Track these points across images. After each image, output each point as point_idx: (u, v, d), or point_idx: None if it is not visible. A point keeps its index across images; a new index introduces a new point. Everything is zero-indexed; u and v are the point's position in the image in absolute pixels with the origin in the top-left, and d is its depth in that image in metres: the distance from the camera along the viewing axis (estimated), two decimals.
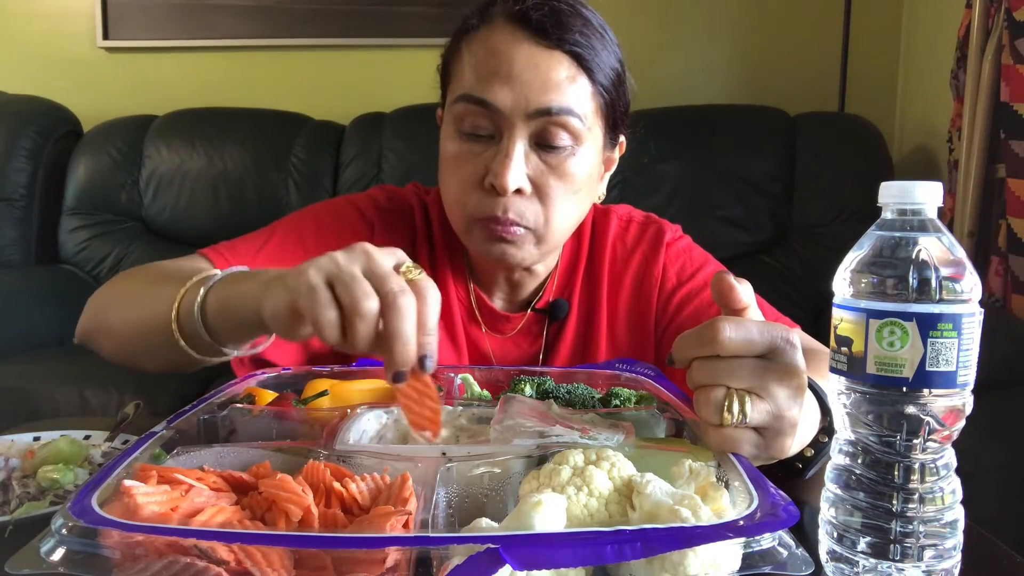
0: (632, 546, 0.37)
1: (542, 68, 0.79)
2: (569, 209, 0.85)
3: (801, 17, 2.57)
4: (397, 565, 0.39)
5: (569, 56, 0.80)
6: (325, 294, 0.50)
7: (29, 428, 0.77)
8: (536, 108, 0.79)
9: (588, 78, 0.82)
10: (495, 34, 0.81)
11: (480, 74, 0.81)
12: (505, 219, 0.81)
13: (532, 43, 0.80)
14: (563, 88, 0.80)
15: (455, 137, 0.84)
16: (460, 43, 0.85)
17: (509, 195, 0.81)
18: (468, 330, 0.96)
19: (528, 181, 0.81)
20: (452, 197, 0.86)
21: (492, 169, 0.80)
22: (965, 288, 0.45)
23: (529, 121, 0.80)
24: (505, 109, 0.79)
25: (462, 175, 0.83)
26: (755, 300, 0.55)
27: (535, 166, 0.82)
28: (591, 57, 0.81)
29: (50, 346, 2.26)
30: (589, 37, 0.82)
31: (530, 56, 0.79)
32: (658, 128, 2.36)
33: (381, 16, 2.66)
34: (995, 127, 1.76)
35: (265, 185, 2.47)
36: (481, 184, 0.82)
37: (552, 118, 0.80)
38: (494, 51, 0.80)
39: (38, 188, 2.54)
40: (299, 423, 0.64)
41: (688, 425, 0.60)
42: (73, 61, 2.80)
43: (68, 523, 0.39)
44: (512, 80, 0.79)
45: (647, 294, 0.96)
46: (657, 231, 0.99)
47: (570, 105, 0.80)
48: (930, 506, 0.46)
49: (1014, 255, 1.66)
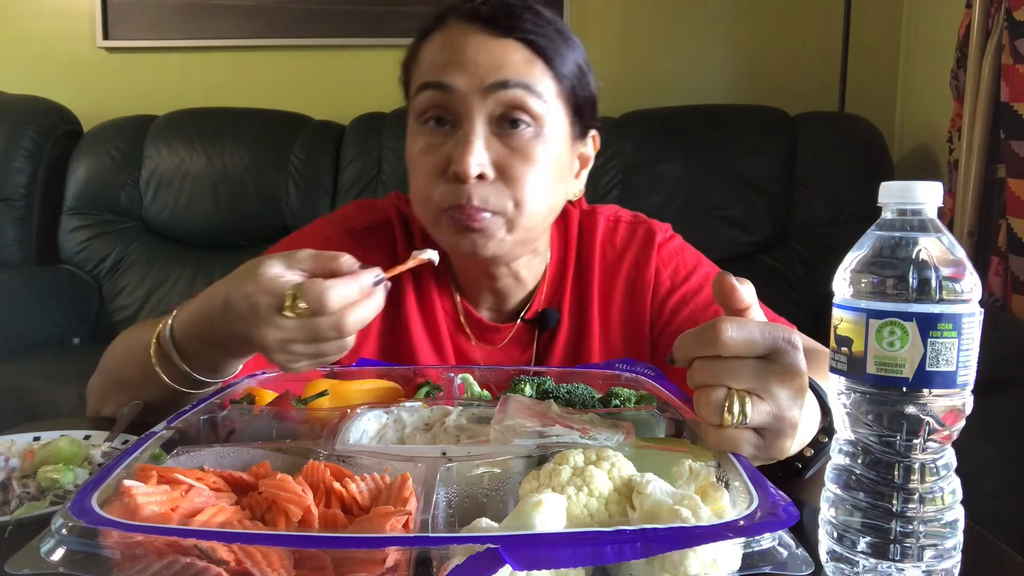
0: (632, 546, 0.37)
1: (495, 52, 0.81)
2: (539, 193, 0.83)
3: (801, 17, 2.57)
4: (397, 565, 0.39)
5: (522, 43, 0.81)
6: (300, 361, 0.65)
7: (29, 428, 0.77)
8: (492, 82, 0.79)
9: (545, 63, 0.82)
10: (449, 33, 0.83)
11: (436, 64, 0.82)
12: (470, 206, 0.80)
13: (484, 34, 0.81)
14: (517, 66, 0.81)
15: (417, 132, 0.84)
16: (417, 49, 0.86)
17: (472, 182, 0.79)
18: (456, 341, 0.94)
19: (491, 166, 0.80)
20: (418, 191, 0.85)
21: (453, 156, 0.80)
22: (965, 288, 0.45)
23: (486, 98, 0.80)
24: (461, 88, 0.80)
25: (426, 167, 0.83)
26: (757, 300, 0.55)
27: (497, 150, 0.81)
28: (545, 44, 0.82)
29: (50, 346, 2.27)
30: (542, 27, 0.82)
31: (482, 43, 0.81)
32: (658, 128, 2.36)
33: (381, 16, 2.66)
34: (995, 127, 1.76)
35: (265, 185, 2.47)
36: (444, 175, 0.81)
37: (510, 92, 0.80)
38: (450, 44, 0.82)
39: (38, 188, 2.54)
40: (299, 423, 0.64)
41: (688, 425, 0.60)
42: (73, 61, 2.80)
43: (68, 523, 0.39)
44: (466, 63, 0.80)
45: (640, 298, 0.94)
46: (647, 232, 0.97)
47: (526, 80, 0.80)
48: (930, 506, 0.46)
49: (1014, 255, 1.66)
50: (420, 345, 0.92)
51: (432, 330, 0.93)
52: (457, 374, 0.75)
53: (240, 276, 0.66)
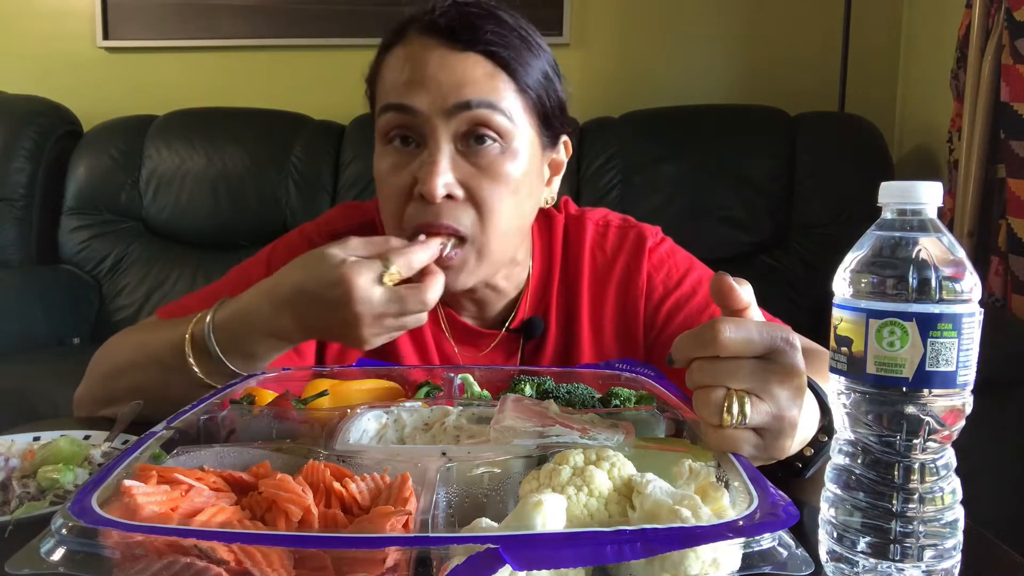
0: (632, 546, 0.37)
1: (457, 69, 0.78)
2: (507, 212, 0.81)
3: (801, 17, 2.57)
4: (397, 565, 0.39)
5: (484, 56, 0.79)
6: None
7: (29, 428, 0.77)
8: (454, 103, 0.77)
9: (508, 75, 0.80)
10: (408, 47, 0.81)
11: (397, 83, 0.80)
12: (439, 224, 0.78)
13: (444, 48, 0.79)
14: (480, 83, 0.78)
15: (383, 152, 0.83)
16: (379, 64, 0.85)
17: (440, 203, 0.78)
18: (440, 346, 0.93)
19: (458, 185, 0.78)
20: (388, 211, 0.83)
21: (419, 177, 0.78)
22: (965, 288, 0.45)
23: (449, 119, 0.78)
24: (425, 109, 0.78)
25: (393, 189, 0.81)
26: (755, 300, 0.55)
27: (463, 169, 0.79)
28: (508, 55, 0.80)
29: (50, 346, 2.27)
30: (505, 36, 0.80)
31: (442, 59, 0.78)
32: (658, 128, 2.36)
33: (381, 16, 2.66)
34: (995, 127, 1.76)
35: (265, 185, 2.47)
36: (410, 195, 0.80)
37: (474, 112, 0.78)
38: (408, 60, 0.80)
39: (38, 188, 2.54)
40: (299, 423, 0.64)
41: (688, 425, 0.60)
42: (73, 61, 2.80)
43: (68, 523, 0.39)
44: (427, 81, 0.78)
45: (633, 304, 0.93)
46: (638, 236, 0.95)
47: (490, 99, 0.78)
48: (930, 506, 0.46)
49: (1014, 255, 1.66)
50: (404, 349, 0.91)
51: (416, 335, 0.92)
52: (457, 374, 0.75)
53: (308, 269, 0.71)
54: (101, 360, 0.89)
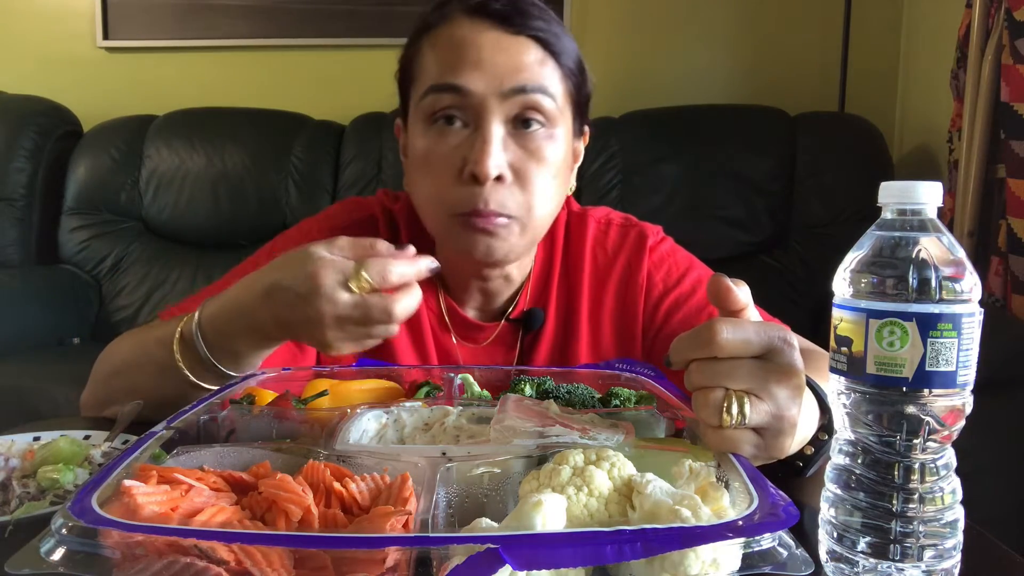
0: (632, 546, 0.37)
1: (511, 51, 0.79)
2: (549, 195, 0.83)
3: (801, 17, 2.57)
4: (397, 565, 0.39)
5: (534, 40, 0.80)
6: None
7: (29, 428, 0.77)
8: (511, 87, 0.79)
9: (555, 62, 0.82)
10: (458, 27, 0.81)
11: (449, 63, 0.80)
12: (487, 211, 0.79)
13: (497, 30, 0.80)
14: (533, 68, 0.80)
15: (425, 132, 0.82)
16: (419, 42, 0.84)
17: (489, 184, 0.78)
18: (438, 339, 0.93)
19: (508, 168, 0.80)
20: (427, 195, 0.83)
21: (470, 157, 0.78)
22: (965, 288, 0.45)
23: (504, 102, 0.79)
24: (479, 91, 0.78)
25: (437, 169, 0.81)
26: (752, 301, 0.55)
27: (513, 151, 0.80)
28: (555, 41, 0.81)
29: (50, 346, 2.27)
30: (550, 23, 0.82)
31: (497, 41, 0.79)
32: (658, 128, 2.36)
33: (381, 16, 2.66)
34: (995, 127, 1.76)
35: (265, 185, 2.47)
36: (459, 177, 0.80)
37: (527, 97, 0.79)
38: (460, 41, 0.80)
39: (38, 188, 2.54)
40: (299, 423, 0.64)
41: (688, 425, 0.60)
42: (73, 61, 2.80)
43: (68, 523, 0.39)
44: (482, 64, 0.78)
45: (632, 301, 0.93)
46: (639, 235, 0.96)
47: (542, 84, 0.80)
48: (930, 506, 0.46)
49: (1014, 255, 1.66)
50: (400, 343, 0.91)
51: (414, 327, 0.92)
52: (457, 374, 0.75)
53: (287, 264, 0.68)
54: (103, 361, 0.89)
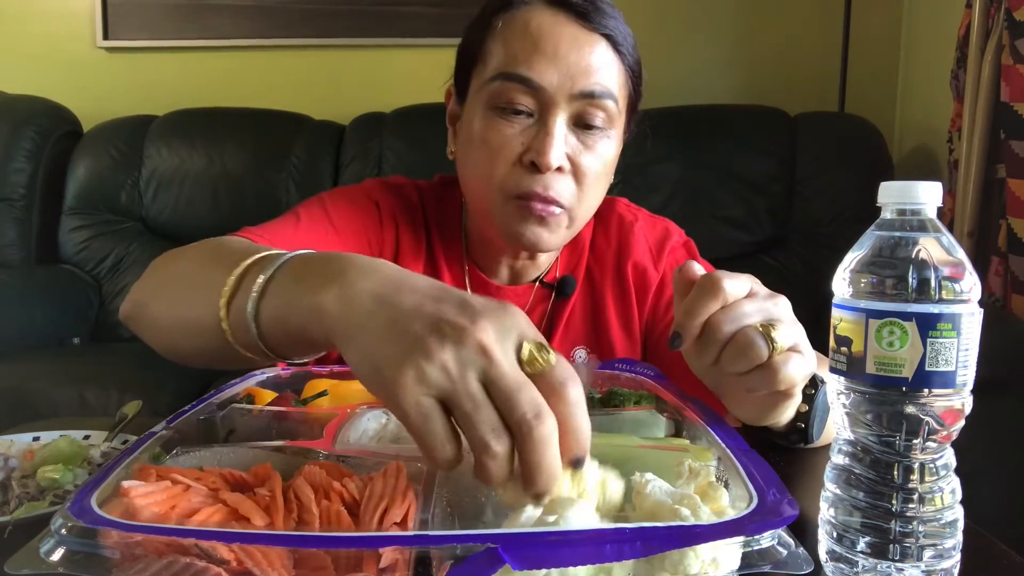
0: (632, 545, 0.37)
1: (586, 50, 0.80)
2: (598, 190, 0.86)
3: (801, 17, 2.57)
4: (396, 564, 0.39)
5: (606, 40, 0.82)
6: (441, 424, 0.40)
7: (29, 428, 0.77)
8: (581, 90, 0.80)
9: (622, 63, 0.83)
10: (536, 15, 0.81)
11: (523, 53, 0.80)
12: (546, 196, 0.81)
13: (575, 26, 0.81)
14: (603, 72, 0.81)
15: (488, 114, 0.83)
16: (494, 21, 0.84)
17: (549, 173, 0.81)
18: None
19: (567, 159, 0.82)
20: (482, 172, 0.84)
21: (534, 146, 0.81)
22: (965, 288, 0.45)
23: (572, 102, 0.81)
24: (551, 88, 0.80)
25: (496, 151, 0.82)
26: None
27: (573, 145, 0.82)
28: (623, 41, 0.83)
29: (50, 346, 2.27)
30: (618, 22, 0.83)
31: (574, 37, 0.80)
32: (658, 128, 2.35)
33: (381, 16, 2.66)
34: (995, 127, 1.76)
35: (265, 185, 2.47)
36: (519, 162, 0.82)
37: (594, 101, 0.81)
38: (538, 30, 0.80)
39: (38, 188, 2.54)
40: (299, 423, 0.64)
41: (688, 425, 0.60)
42: (73, 61, 2.80)
43: (68, 523, 0.39)
44: (558, 60, 0.79)
45: (642, 295, 0.96)
46: (664, 231, 0.99)
47: (610, 88, 0.82)
48: (929, 506, 0.46)
49: (1014, 255, 1.66)
50: None
51: None
52: None
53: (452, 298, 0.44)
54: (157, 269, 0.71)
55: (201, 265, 0.63)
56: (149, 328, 0.67)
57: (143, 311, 0.68)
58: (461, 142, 0.88)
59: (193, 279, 0.62)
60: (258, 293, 0.51)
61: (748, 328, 0.53)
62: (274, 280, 0.51)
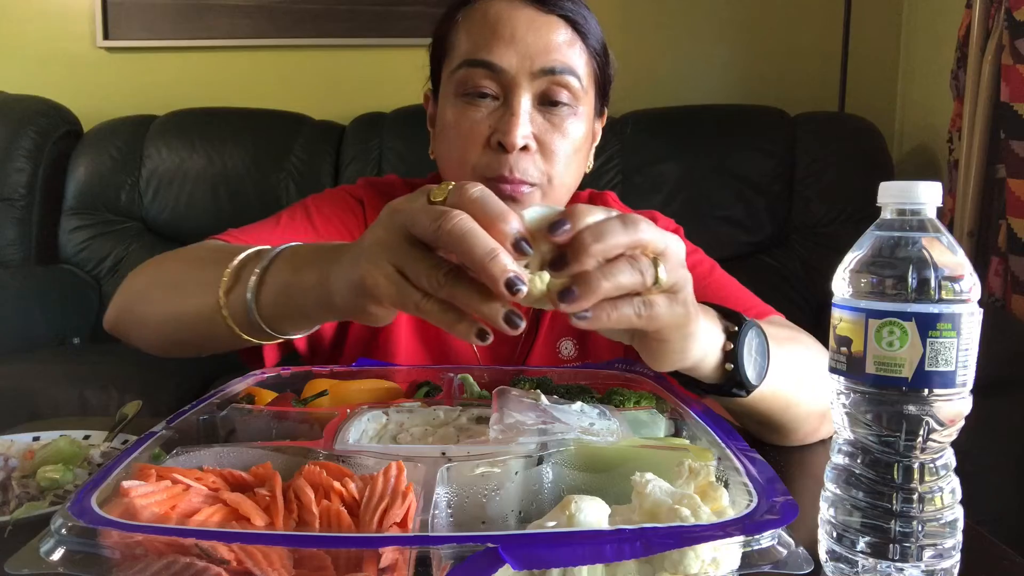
0: (632, 545, 0.37)
1: (543, 31, 0.83)
2: (570, 168, 0.87)
3: (801, 17, 2.57)
4: (396, 565, 0.39)
5: (564, 20, 0.84)
6: (406, 286, 0.50)
7: (29, 428, 0.77)
8: (541, 67, 0.82)
9: (583, 42, 0.86)
10: (494, 4, 0.85)
11: (482, 39, 0.83)
12: (513, 178, 0.83)
13: (531, 9, 0.84)
14: (563, 49, 0.84)
15: (455, 103, 0.86)
16: (456, 15, 0.88)
17: (515, 153, 0.82)
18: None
19: (533, 138, 0.84)
20: (456, 157, 0.86)
21: (499, 128, 0.83)
22: (965, 288, 0.45)
23: (534, 80, 0.83)
24: (511, 69, 0.82)
25: (465, 136, 0.85)
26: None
27: (539, 124, 0.84)
28: (583, 23, 0.86)
29: (50, 346, 2.27)
30: (578, 4, 0.86)
31: (531, 20, 0.83)
32: (658, 128, 2.36)
33: (381, 16, 2.66)
34: (995, 127, 1.76)
35: (265, 185, 2.47)
36: (486, 144, 0.84)
37: (556, 77, 0.83)
38: (496, 17, 0.84)
39: (38, 188, 2.54)
40: (299, 423, 0.64)
41: (688, 425, 0.60)
42: (73, 61, 2.80)
43: (68, 523, 0.39)
44: (515, 42, 0.82)
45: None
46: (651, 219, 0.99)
47: (571, 65, 0.84)
48: (929, 506, 0.46)
49: (1014, 255, 1.66)
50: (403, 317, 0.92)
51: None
52: (457, 374, 0.75)
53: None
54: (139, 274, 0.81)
55: (189, 266, 0.75)
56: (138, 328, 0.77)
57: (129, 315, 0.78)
58: (436, 133, 0.91)
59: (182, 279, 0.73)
60: (257, 280, 0.62)
61: (621, 260, 0.50)
62: (270, 270, 0.63)
